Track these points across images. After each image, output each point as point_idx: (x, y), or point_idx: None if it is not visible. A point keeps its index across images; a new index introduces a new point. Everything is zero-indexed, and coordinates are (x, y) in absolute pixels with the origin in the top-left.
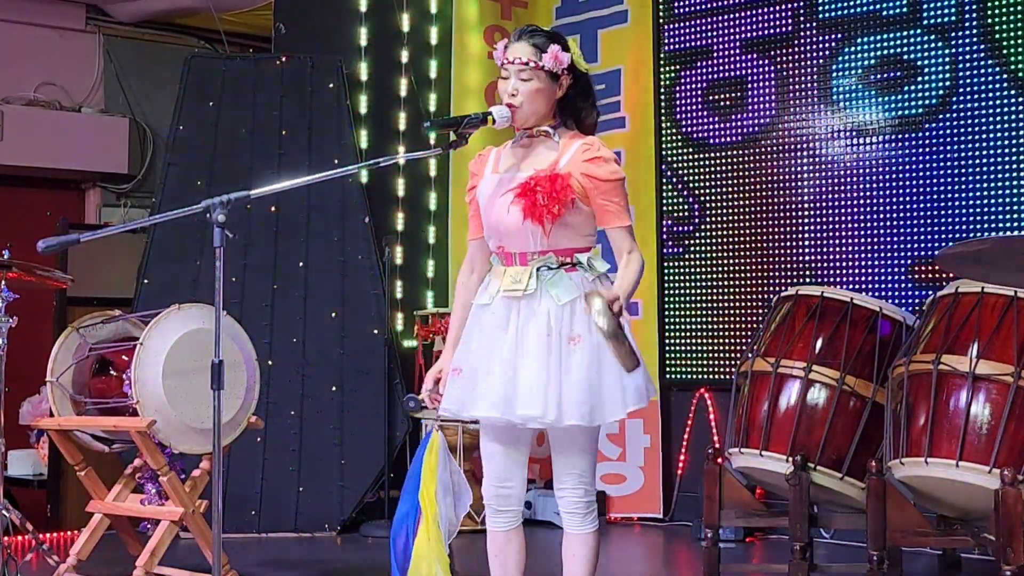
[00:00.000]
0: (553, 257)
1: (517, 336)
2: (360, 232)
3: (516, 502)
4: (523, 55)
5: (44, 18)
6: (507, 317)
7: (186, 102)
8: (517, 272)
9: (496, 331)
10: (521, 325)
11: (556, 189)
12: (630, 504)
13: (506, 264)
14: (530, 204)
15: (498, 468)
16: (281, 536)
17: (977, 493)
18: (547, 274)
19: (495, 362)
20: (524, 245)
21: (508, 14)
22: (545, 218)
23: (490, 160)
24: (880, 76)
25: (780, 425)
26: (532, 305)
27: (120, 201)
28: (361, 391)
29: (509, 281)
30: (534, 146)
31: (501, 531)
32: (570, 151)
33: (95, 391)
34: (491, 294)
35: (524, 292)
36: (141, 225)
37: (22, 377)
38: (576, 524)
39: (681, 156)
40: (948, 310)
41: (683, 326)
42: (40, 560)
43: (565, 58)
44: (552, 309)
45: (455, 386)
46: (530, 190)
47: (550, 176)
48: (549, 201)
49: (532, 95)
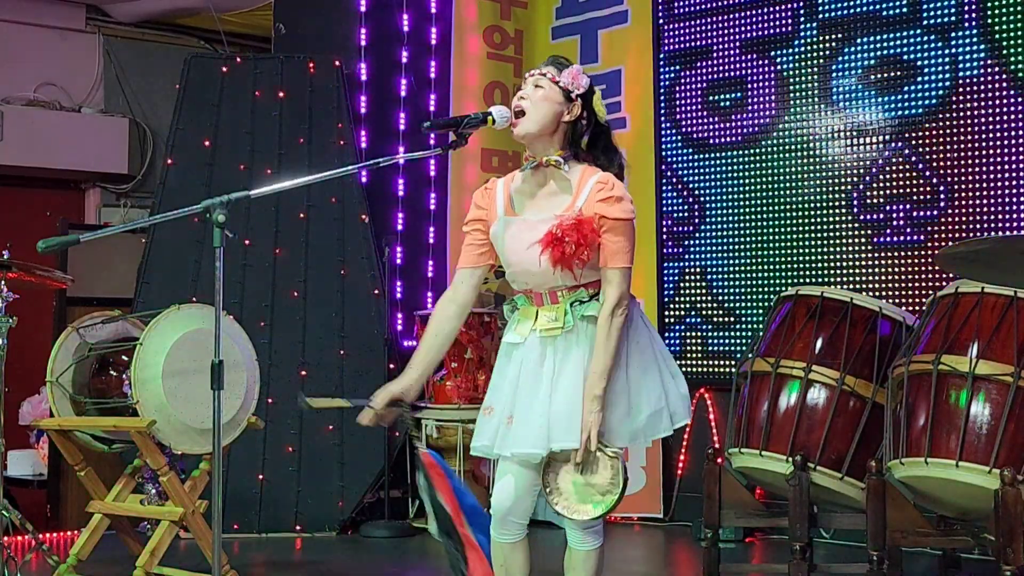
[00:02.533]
0: (584, 292)
1: (554, 371)
2: (360, 232)
3: (523, 515)
4: (543, 69)
5: (44, 18)
6: (543, 354)
7: (186, 102)
8: (551, 311)
9: (534, 369)
10: (559, 361)
11: (583, 235)
12: (631, 504)
13: (536, 304)
14: (559, 254)
15: (515, 488)
16: (281, 536)
17: (977, 493)
18: (580, 307)
19: (531, 404)
20: (553, 285)
21: (508, 14)
22: (575, 264)
23: (498, 196)
24: (880, 76)
25: (780, 425)
26: (568, 340)
27: (120, 201)
28: (361, 391)
29: (545, 321)
30: (546, 181)
31: (508, 543)
32: (586, 190)
33: (95, 391)
34: (522, 334)
35: (563, 329)
36: (141, 225)
37: (22, 377)
38: (576, 540)
39: (681, 156)
40: (948, 310)
41: (682, 326)
42: (40, 560)
43: (583, 81)
44: (587, 344)
45: (488, 425)
46: (557, 240)
47: (575, 223)
48: (577, 249)
49: (540, 101)
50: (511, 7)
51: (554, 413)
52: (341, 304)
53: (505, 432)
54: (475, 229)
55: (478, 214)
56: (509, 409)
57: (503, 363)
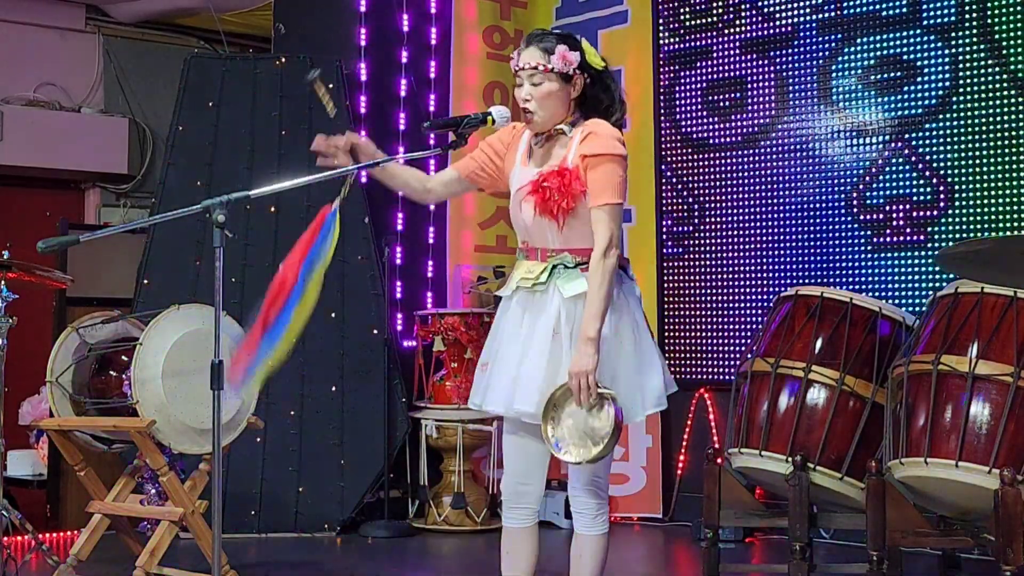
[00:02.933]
0: (568, 256)
1: (527, 333)
2: (360, 232)
3: (534, 499)
4: (532, 60)
5: (44, 18)
6: (521, 315)
7: (186, 102)
8: (533, 265)
9: (513, 329)
10: (531, 322)
11: (564, 183)
12: (631, 504)
13: (529, 259)
14: (541, 200)
15: (518, 463)
16: (281, 536)
17: (977, 493)
18: (562, 272)
19: (506, 362)
20: (543, 242)
21: (507, 14)
22: (557, 213)
23: (522, 145)
24: (880, 76)
25: (780, 425)
26: (544, 301)
27: (120, 201)
28: (361, 391)
29: (524, 270)
30: (553, 145)
31: (517, 527)
32: (575, 141)
33: (95, 391)
34: (511, 287)
35: (534, 283)
36: (141, 225)
37: (22, 377)
38: (585, 525)
39: (681, 156)
40: (948, 310)
41: (682, 326)
42: (40, 560)
43: (573, 57)
44: (561, 306)
45: (481, 379)
46: (540, 187)
47: (559, 171)
48: (559, 196)
49: (544, 99)
50: (511, 7)
51: (519, 376)
52: (341, 304)
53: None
54: (485, 152)
55: (497, 146)
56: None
57: (498, 317)
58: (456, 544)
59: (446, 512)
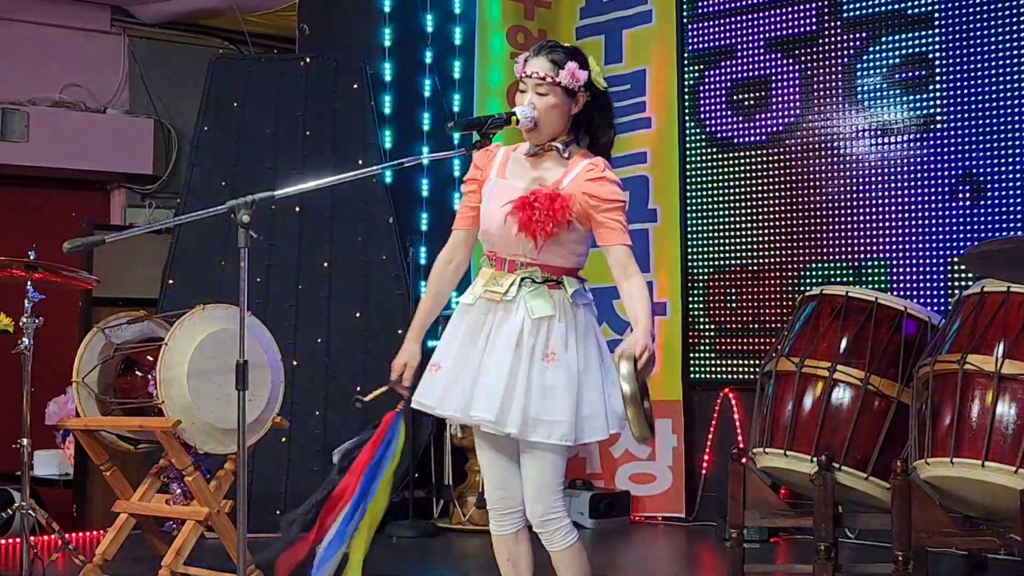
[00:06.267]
0: (539, 272)
1: (488, 342)
2: (384, 232)
3: (518, 503)
4: (540, 70)
5: (69, 20)
6: (484, 322)
7: (210, 103)
8: (501, 277)
9: (473, 335)
10: (493, 331)
11: (553, 208)
12: (655, 504)
13: (495, 268)
14: (526, 219)
15: (495, 473)
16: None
17: (1003, 493)
18: (529, 286)
19: (465, 366)
20: (513, 254)
21: (531, 14)
22: (538, 234)
23: (497, 160)
24: (904, 75)
25: (804, 425)
26: (508, 312)
27: (145, 202)
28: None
29: (491, 282)
30: (544, 160)
31: (508, 534)
32: (575, 170)
33: (120, 391)
34: (475, 295)
35: (502, 297)
36: (166, 226)
37: (48, 377)
38: (545, 541)
39: (705, 156)
40: (974, 310)
41: (707, 326)
42: (66, 560)
43: (582, 76)
44: (526, 322)
45: (434, 382)
46: (527, 204)
47: (550, 195)
48: (544, 219)
49: (547, 110)
50: (535, 7)
51: (478, 384)
52: (365, 304)
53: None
54: (471, 191)
55: (474, 174)
56: (450, 369)
57: (456, 322)
58: (481, 544)
59: (471, 512)
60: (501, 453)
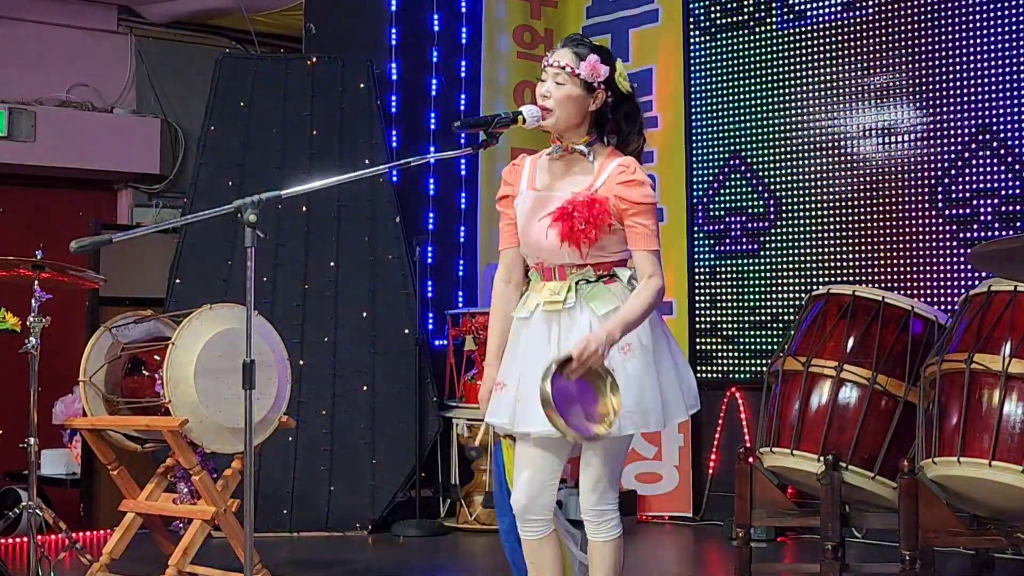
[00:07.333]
0: (591, 271)
1: (560, 351)
2: (391, 232)
3: (546, 511)
4: (562, 60)
5: (76, 19)
6: (548, 331)
7: (217, 102)
8: (556, 286)
9: (540, 346)
10: (563, 338)
11: (593, 214)
12: (662, 503)
13: (545, 279)
14: (567, 229)
15: (530, 477)
16: (312, 535)
17: (1010, 493)
18: (585, 287)
19: (536, 378)
20: (563, 261)
21: (538, 13)
22: (582, 242)
23: (525, 171)
24: (912, 74)
25: (811, 424)
26: (573, 317)
27: (152, 201)
28: (392, 390)
29: (548, 294)
30: (570, 164)
31: (534, 539)
32: (606, 172)
33: (127, 391)
34: (530, 308)
35: (564, 305)
36: (173, 225)
37: (55, 377)
38: (591, 530)
39: (712, 155)
40: (981, 309)
41: (714, 325)
42: (73, 559)
43: (603, 70)
44: (593, 321)
45: (500, 400)
46: (567, 215)
47: (587, 201)
48: (587, 226)
49: (563, 100)
50: (541, 6)
51: None
52: (372, 303)
53: (523, 409)
54: (506, 208)
55: (506, 191)
56: (517, 386)
57: (514, 339)
58: (487, 543)
59: (477, 511)
60: (548, 452)
